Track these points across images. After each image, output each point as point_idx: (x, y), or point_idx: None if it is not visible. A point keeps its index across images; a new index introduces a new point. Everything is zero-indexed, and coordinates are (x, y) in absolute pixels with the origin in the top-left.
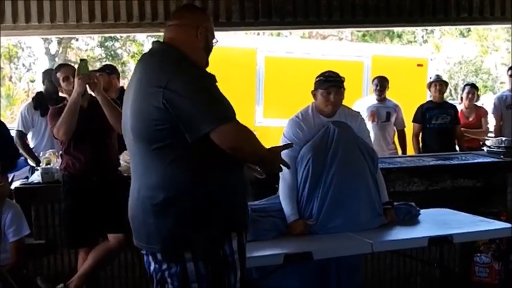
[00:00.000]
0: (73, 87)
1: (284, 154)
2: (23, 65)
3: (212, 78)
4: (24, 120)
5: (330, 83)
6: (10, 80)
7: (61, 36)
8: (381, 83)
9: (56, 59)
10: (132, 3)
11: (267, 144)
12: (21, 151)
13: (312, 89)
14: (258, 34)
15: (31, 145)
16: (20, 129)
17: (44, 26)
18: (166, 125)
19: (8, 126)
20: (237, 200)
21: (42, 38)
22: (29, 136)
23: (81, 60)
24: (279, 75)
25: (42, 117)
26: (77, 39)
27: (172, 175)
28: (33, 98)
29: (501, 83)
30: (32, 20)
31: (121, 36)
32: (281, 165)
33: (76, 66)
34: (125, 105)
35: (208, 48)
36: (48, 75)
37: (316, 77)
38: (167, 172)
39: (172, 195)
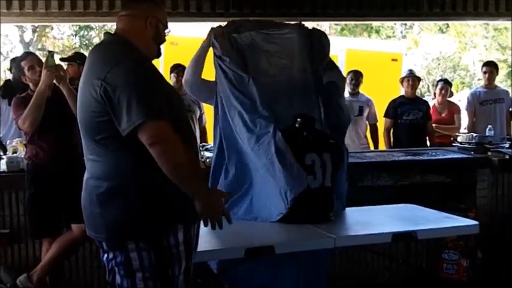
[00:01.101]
0: (38, 77)
1: None
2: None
3: (151, 71)
4: None
5: None
6: None
7: (35, 24)
8: (356, 77)
9: (30, 47)
10: None
11: None
12: None
13: None
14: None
15: None
16: None
17: (12, 14)
18: (105, 117)
19: None
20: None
21: (17, 26)
22: None
23: (49, 52)
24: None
25: (10, 106)
26: (52, 28)
27: (116, 165)
28: (0, 87)
29: (479, 79)
30: (0, 7)
31: (96, 25)
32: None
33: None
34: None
35: (159, 38)
36: (15, 63)
37: None
38: (111, 162)
39: (115, 185)
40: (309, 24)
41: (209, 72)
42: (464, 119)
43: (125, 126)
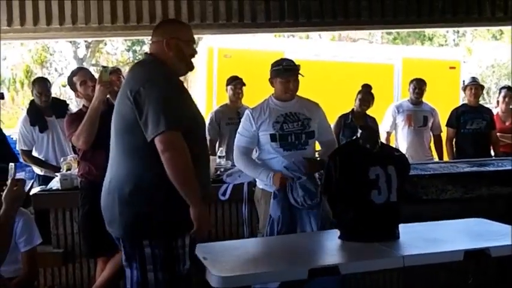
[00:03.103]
0: (91, 92)
1: (241, 146)
2: (55, 69)
3: (177, 88)
4: (25, 138)
5: (289, 72)
6: None
7: (88, 39)
8: (419, 86)
9: (84, 63)
10: (155, 3)
11: None
12: (34, 167)
13: (269, 77)
14: (288, 37)
15: None
16: (23, 148)
17: (65, 29)
18: (135, 125)
19: None
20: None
21: (70, 42)
22: (34, 153)
23: (103, 67)
24: (307, 78)
25: (41, 133)
26: (105, 43)
27: (138, 171)
28: (27, 112)
29: None
30: (53, 22)
31: (148, 40)
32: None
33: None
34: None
35: (182, 55)
36: (68, 79)
37: (273, 66)
38: (135, 168)
39: (136, 188)
40: (367, 35)
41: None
42: None
43: (150, 134)
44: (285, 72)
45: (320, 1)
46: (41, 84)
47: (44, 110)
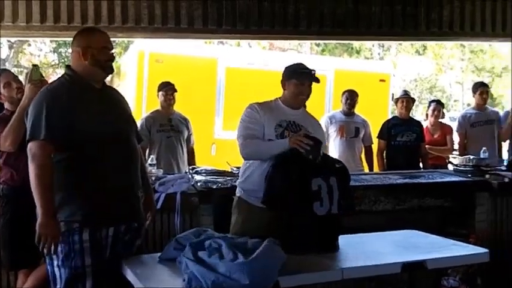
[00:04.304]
0: (16, 94)
1: (249, 134)
2: None
3: (66, 98)
4: None
5: (306, 75)
6: None
7: (12, 39)
8: (351, 97)
9: (7, 63)
10: (87, 3)
11: (226, 157)
12: None
13: (282, 79)
14: (218, 44)
15: None
16: None
17: None
18: None
19: None
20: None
21: None
22: None
23: (33, 65)
24: (239, 86)
25: None
26: (29, 44)
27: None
28: None
29: (455, 100)
30: None
31: None
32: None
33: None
34: None
35: (97, 61)
36: None
37: (288, 67)
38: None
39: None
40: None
41: None
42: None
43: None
44: (302, 75)
45: (259, 9)
46: None
47: None
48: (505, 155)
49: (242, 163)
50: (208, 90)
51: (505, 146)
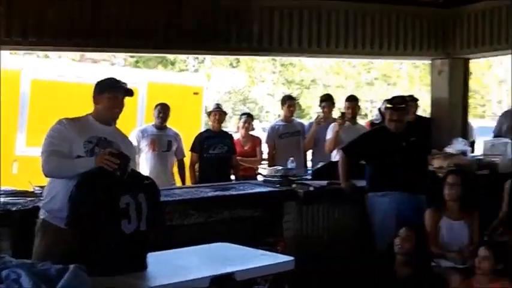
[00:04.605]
0: None
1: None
2: None
3: None
4: None
5: (118, 88)
6: None
7: None
8: (163, 110)
9: None
10: None
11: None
12: None
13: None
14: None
15: None
16: None
17: None
18: None
19: None
20: None
21: None
22: None
23: None
24: (48, 100)
25: None
26: None
27: None
28: None
29: (267, 112)
30: None
31: None
32: None
33: None
34: None
35: None
36: None
37: (99, 82)
38: None
39: None
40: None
41: None
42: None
43: None
44: (114, 88)
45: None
46: None
47: None
48: (309, 164)
49: (47, 182)
50: (9, 103)
51: (310, 155)
